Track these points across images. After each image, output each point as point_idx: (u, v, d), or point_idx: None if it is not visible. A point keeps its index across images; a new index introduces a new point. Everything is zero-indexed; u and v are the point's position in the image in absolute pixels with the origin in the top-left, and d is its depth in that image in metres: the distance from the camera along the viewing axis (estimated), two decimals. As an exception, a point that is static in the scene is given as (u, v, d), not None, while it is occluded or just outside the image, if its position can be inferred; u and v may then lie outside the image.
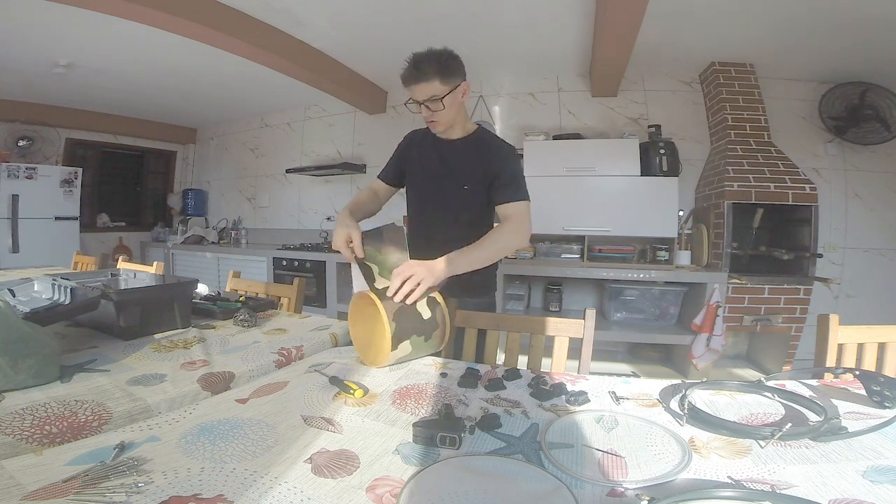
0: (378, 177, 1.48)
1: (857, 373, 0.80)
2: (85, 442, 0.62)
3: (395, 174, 1.46)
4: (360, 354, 1.02)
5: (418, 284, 0.96)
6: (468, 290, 1.33)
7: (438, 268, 1.02)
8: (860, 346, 1.10)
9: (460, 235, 1.24)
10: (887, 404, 0.73)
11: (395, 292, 0.96)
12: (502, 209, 1.26)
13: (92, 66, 3.25)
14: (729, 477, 0.55)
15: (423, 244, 1.25)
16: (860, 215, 3.09)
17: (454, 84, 1.22)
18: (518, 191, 1.27)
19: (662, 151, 2.98)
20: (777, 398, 0.79)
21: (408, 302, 0.96)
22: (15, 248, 3.78)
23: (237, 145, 4.99)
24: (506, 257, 3.17)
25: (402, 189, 1.49)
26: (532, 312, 3.30)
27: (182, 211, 5.18)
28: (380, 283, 1.00)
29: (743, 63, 2.99)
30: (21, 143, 4.01)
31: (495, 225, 1.34)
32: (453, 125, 1.31)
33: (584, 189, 3.07)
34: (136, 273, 1.55)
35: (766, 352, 3.00)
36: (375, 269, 1.03)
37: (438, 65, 1.19)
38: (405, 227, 1.15)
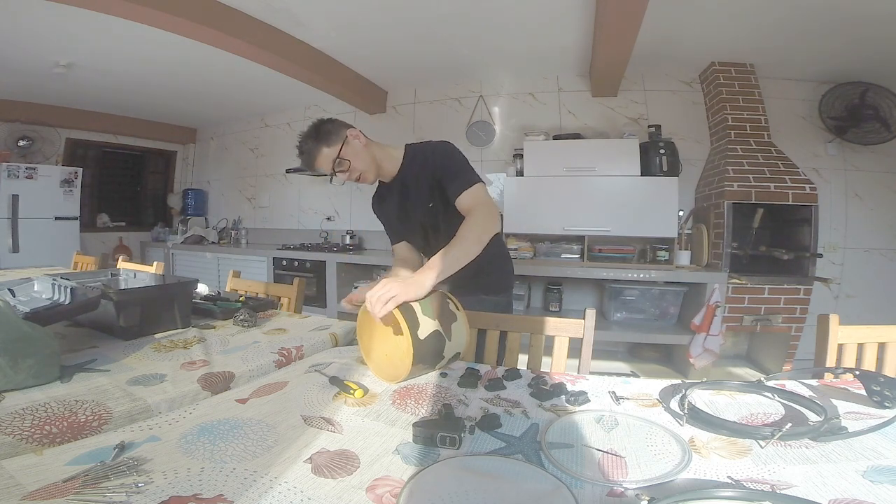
0: (392, 245, 1.49)
1: (857, 373, 0.80)
2: (85, 442, 0.62)
3: (396, 233, 1.46)
4: (367, 359, 0.98)
5: (390, 299, 0.88)
6: (485, 289, 1.36)
7: (417, 280, 0.95)
8: (860, 346, 1.10)
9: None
10: (887, 404, 0.73)
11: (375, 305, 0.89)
12: (459, 203, 1.20)
13: (92, 66, 3.25)
14: (729, 477, 0.55)
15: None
16: (860, 215, 3.09)
17: (340, 140, 1.24)
18: (465, 177, 1.22)
19: (662, 151, 2.98)
20: (777, 398, 0.79)
21: (378, 315, 0.88)
22: (15, 248, 3.79)
23: (237, 145, 4.99)
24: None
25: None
26: (532, 312, 3.30)
27: (182, 211, 5.18)
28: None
29: (743, 63, 2.99)
30: (21, 143, 4.01)
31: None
32: (380, 166, 1.31)
33: (584, 189, 3.07)
34: (136, 273, 1.55)
35: (766, 352, 3.00)
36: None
37: (314, 139, 1.24)
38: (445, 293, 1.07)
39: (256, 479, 0.53)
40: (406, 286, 0.91)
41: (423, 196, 1.31)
